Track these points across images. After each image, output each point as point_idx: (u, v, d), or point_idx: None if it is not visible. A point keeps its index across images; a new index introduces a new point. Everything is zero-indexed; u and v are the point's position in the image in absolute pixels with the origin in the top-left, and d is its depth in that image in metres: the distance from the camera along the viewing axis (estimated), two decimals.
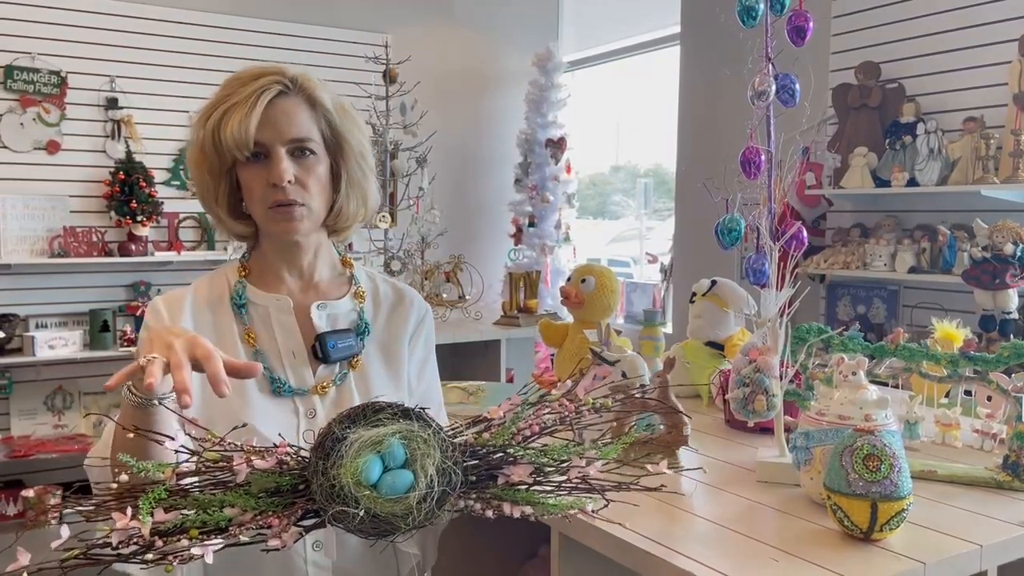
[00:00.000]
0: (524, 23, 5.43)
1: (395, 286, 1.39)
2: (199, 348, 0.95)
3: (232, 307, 1.27)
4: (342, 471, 0.79)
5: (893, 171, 3.13)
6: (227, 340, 1.24)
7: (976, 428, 1.57)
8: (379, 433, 0.81)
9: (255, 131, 1.17)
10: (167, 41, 4.29)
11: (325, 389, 1.26)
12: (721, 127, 3.95)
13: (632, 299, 4.87)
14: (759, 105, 1.40)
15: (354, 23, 4.82)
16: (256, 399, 1.21)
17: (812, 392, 1.40)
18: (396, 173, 4.10)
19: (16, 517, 3.92)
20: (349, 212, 1.30)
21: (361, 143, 1.29)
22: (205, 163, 1.23)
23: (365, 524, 0.79)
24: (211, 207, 1.27)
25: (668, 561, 1.04)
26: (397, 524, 0.79)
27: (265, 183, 1.20)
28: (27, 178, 4.04)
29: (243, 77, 1.21)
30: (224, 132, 1.17)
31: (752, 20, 1.39)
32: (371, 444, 0.81)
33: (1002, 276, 2.63)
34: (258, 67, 1.23)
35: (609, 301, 2.03)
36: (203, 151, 1.22)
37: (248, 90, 1.19)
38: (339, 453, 0.80)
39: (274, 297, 1.28)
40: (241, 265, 1.31)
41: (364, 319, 1.32)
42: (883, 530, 1.07)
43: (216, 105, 1.20)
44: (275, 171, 1.19)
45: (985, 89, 3.03)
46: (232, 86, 1.21)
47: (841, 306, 3.48)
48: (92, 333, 4.07)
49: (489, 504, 0.85)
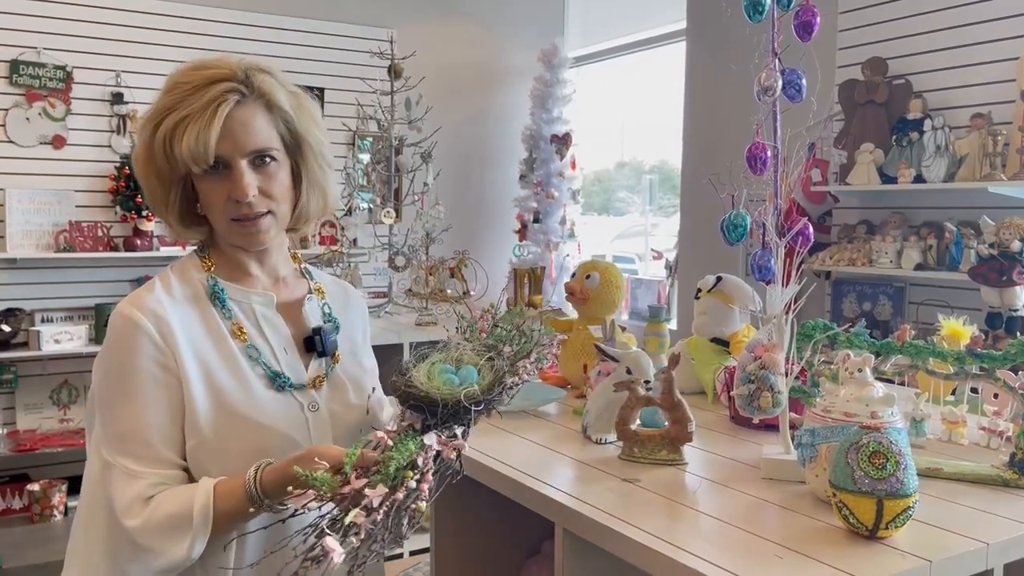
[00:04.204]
0: (530, 19, 5.42)
1: (337, 281, 1.42)
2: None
3: (212, 302, 1.23)
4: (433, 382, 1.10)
5: (900, 168, 3.12)
6: (217, 336, 1.21)
7: (983, 426, 1.56)
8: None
9: (214, 145, 1.13)
10: (172, 36, 4.29)
11: (321, 382, 1.28)
12: (726, 123, 3.93)
13: (637, 295, 4.87)
14: (765, 101, 1.39)
15: (359, 18, 4.81)
16: (262, 396, 1.21)
17: (818, 389, 1.40)
18: (401, 168, 4.10)
19: (22, 511, 3.93)
20: (311, 210, 1.30)
21: (319, 140, 1.27)
22: (154, 170, 1.18)
23: (448, 408, 1.06)
24: (160, 213, 1.23)
25: (672, 558, 1.04)
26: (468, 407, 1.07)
27: (226, 196, 1.17)
28: (33, 173, 4.05)
29: (195, 82, 1.15)
30: (180, 145, 1.13)
31: (759, 15, 1.38)
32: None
33: (1009, 273, 2.62)
34: (208, 70, 1.17)
35: (614, 297, 2.03)
36: (152, 158, 1.17)
37: (202, 100, 1.13)
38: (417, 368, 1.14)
39: (256, 293, 1.26)
40: (202, 260, 1.26)
41: (333, 314, 1.35)
42: (889, 528, 1.07)
43: (166, 111, 1.15)
44: (238, 187, 1.16)
45: (993, 85, 3.02)
46: (181, 92, 1.15)
47: (846, 303, 3.46)
48: (98, 328, 4.08)
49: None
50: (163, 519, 1.10)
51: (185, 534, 1.09)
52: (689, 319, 2.07)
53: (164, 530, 1.10)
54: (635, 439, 1.45)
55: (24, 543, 3.62)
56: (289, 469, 1.04)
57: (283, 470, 1.08)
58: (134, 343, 1.14)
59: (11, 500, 3.93)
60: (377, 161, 4.07)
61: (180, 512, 1.09)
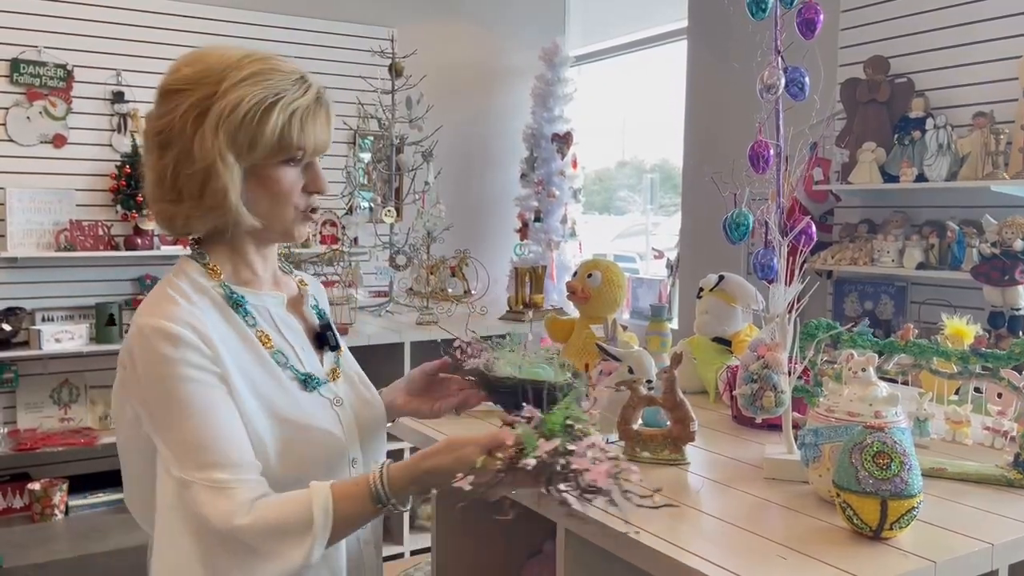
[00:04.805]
0: (531, 17, 5.42)
1: (304, 274, 1.43)
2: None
3: (234, 310, 1.19)
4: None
5: (902, 166, 3.11)
6: (249, 343, 1.18)
7: (987, 425, 1.55)
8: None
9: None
10: (173, 35, 4.29)
11: (337, 375, 1.30)
12: (728, 122, 3.92)
13: (638, 294, 4.86)
14: (768, 99, 1.39)
15: (360, 17, 4.81)
16: (302, 399, 1.20)
17: (821, 388, 1.39)
18: (402, 167, 4.09)
19: (22, 510, 3.93)
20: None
21: None
22: (244, 160, 1.14)
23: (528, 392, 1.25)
24: (222, 204, 1.14)
25: (675, 558, 1.03)
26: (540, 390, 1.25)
27: (300, 188, 1.20)
28: (33, 172, 4.04)
29: (290, 73, 1.16)
30: (305, 133, 1.15)
31: (762, 12, 1.38)
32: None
33: (1011, 272, 2.61)
34: (289, 63, 1.19)
35: (615, 296, 2.02)
36: (247, 148, 1.13)
37: (310, 93, 1.16)
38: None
39: (268, 295, 1.25)
40: (204, 266, 1.20)
41: (320, 306, 1.36)
42: (893, 528, 1.06)
43: (275, 96, 1.13)
44: (321, 181, 1.21)
45: (995, 84, 3.01)
46: (282, 80, 1.15)
47: (848, 302, 3.46)
48: (98, 327, 4.08)
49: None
50: (277, 522, 1.06)
51: (304, 537, 1.05)
52: (691, 318, 2.06)
53: (278, 534, 1.05)
54: (637, 439, 1.45)
55: (25, 542, 3.62)
56: (418, 466, 1.08)
57: (412, 467, 1.09)
58: (179, 355, 1.08)
59: (12, 499, 3.93)
60: (378, 160, 4.07)
61: (296, 515, 1.06)
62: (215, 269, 1.21)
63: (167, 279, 1.19)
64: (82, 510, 4.03)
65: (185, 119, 1.13)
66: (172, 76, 1.17)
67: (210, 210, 1.15)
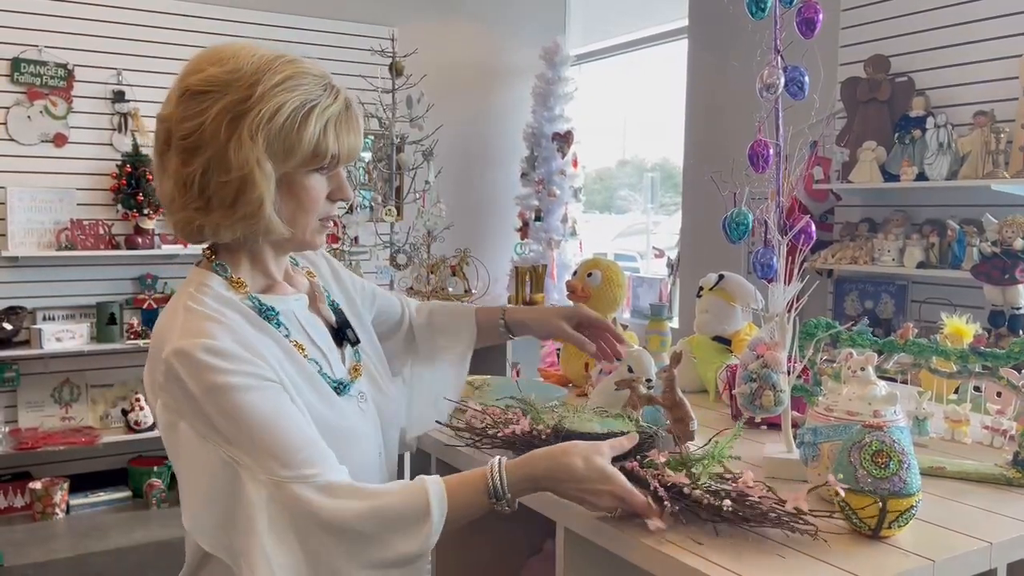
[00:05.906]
0: (531, 16, 5.42)
1: (304, 255, 1.35)
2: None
3: (268, 321, 1.14)
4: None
5: (902, 165, 3.11)
6: (289, 354, 1.14)
7: (986, 424, 1.55)
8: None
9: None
10: (174, 34, 4.29)
11: (358, 370, 1.27)
12: (728, 121, 3.93)
13: (638, 294, 4.86)
14: (767, 98, 1.39)
15: (360, 16, 4.81)
16: (340, 405, 1.19)
17: (820, 388, 1.39)
18: (402, 166, 4.10)
19: (24, 509, 3.94)
20: None
21: None
22: (279, 168, 1.10)
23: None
24: (256, 213, 1.09)
25: (674, 557, 1.03)
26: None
27: (324, 196, 1.16)
28: (34, 171, 4.05)
29: (321, 78, 1.12)
30: (340, 140, 1.12)
31: (761, 12, 1.38)
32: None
33: (1012, 271, 2.61)
34: (317, 67, 1.14)
35: (615, 295, 2.02)
36: (283, 156, 1.09)
37: (339, 99, 1.13)
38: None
39: (291, 299, 1.21)
40: (225, 278, 1.15)
41: (331, 296, 1.33)
42: (892, 527, 1.06)
43: (311, 102, 1.09)
44: (347, 190, 1.18)
45: (996, 83, 3.01)
46: (315, 84, 1.11)
47: (849, 301, 3.46)
48: (99, 326, 4.09)
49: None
50: (391, 510, 1.03)
51: (421, 525, 1.03)
52: (691, 317, 2.06)
53: (393, 522, 1.03)
54: None
55: (25, 541, 3.63)
56: (536, 465, 1.09)
57: (527, 465, 1.09)
58: (234, 366, 1.03)
59: (13, 498, 3.94)
60: (378, 159, 4.07)
61: (411, 502, 1.04)
62: (240, 281, 1.15)
63: (187, 295, 1.10)
64: (83, 509, 4.04)
65: (217, 123, 1.06)
66: (197, 76, 1.08)
67: (242, 219, 1.09)
